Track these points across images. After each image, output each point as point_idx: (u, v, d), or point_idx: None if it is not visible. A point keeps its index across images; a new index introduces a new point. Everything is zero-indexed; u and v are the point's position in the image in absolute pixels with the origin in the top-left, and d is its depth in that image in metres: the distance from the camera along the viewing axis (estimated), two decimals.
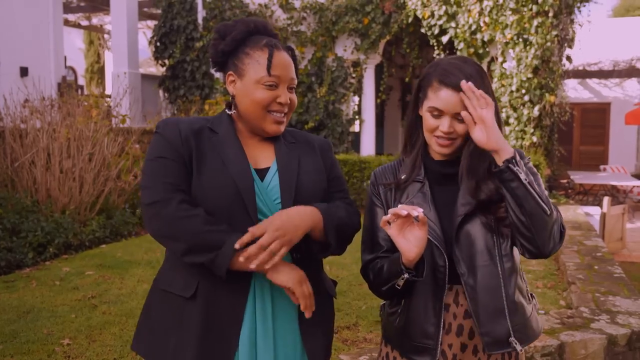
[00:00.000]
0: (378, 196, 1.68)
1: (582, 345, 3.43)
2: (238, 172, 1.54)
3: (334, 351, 3.42)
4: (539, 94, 8.99)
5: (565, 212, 8.36)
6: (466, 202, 1.55)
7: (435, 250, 1.56)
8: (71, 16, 15.66)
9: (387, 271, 1.56)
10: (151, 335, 1.60)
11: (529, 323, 1.61)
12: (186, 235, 1.47)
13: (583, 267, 5.11)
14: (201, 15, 11.34)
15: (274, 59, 1.56)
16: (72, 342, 3.51)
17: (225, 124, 1.63)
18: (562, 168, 11.87)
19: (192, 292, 1.53)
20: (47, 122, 6.82)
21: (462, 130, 1.53)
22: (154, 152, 1.57)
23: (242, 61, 1.59)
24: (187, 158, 1.55)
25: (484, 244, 1.55)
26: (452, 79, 1.51)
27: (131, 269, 5.14)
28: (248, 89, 1.57)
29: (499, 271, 1.56)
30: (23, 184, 6.61)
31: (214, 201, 1.52)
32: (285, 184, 1.60)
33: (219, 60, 1.64)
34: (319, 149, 1.74)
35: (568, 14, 9.54)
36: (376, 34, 10.24)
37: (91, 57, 20.30)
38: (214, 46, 1.63)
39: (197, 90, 11.38)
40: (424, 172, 1.63)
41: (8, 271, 5.09)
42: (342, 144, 10.57)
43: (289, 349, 1.59)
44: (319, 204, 1.59)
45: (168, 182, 1.52)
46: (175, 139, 1.56)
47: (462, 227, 1.56)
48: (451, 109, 1.52)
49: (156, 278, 1.67)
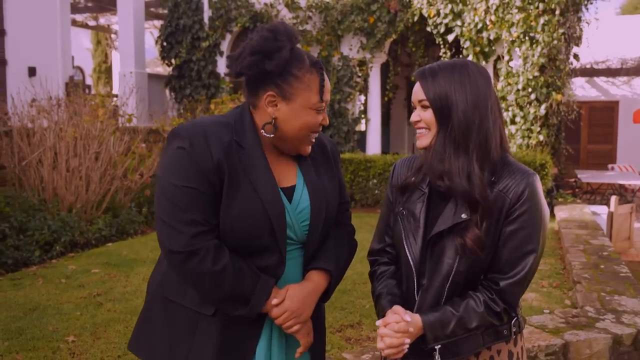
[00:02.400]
0: (392, 191, 1.70)
1: (587, 345, 3.41)
2: (268, 197, 1.49)
3: (338, 350, 3.43)
4: (546, 93, 8.95)
5: (572, 211, 8.32)
6: (442, 222, 1.53)
7: (409, 267, 1.58)
8: (79, 16, 15.74)
9: (376, 306, 1.65)
10: (155, 343, 1.58)
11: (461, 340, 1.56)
12: (217, 293, 1.47)
13: (589, 267, 5.08)
14: (207, 15, 11.37)
15: (325, 85, 1.54)
16: (77, 339, 3.53)
17: (250, 135, 1.53)
18: (570, 167, 11.80)
19: (213, 311, 1.51)
20: (54, 121, 6.86)
21: (427, 118, 1.53)
22: (181, 177, 1.43)
23: (290, 84, 1.49)
24: (217, 186, 1.46)
25: (446, 267, 1.52)
26: (420, 70, 1.57)
27: (136, 267, 5.17)
28: (298, 113, 1.51)
29: (444, 297, 1.54)
30: (30, 182, 6.65)
31: (244, 232, 1.47)
32: (317, 205, 1.59)
33: (259, 78, 1.51)
34: (332, 157, 1.72)
35: (575, 12, 9.49)
36: (382, 33, 10.23)
37: (99, 57, 20.38)
38: (256, 64, 1.47)
39: (203, 89, 11.41)
40: (428, 181, 1.60)
41: (15, 269, 5.12)
42: (348, 143, 10.57)
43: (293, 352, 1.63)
44: (330, 266, 1.61)
45: (199, 221, 1.43)
46: (207, 164, 1.44)
47: (434, 245, 1.55)
48: (416, 97, 1.56)
49: (157, 285, 1.62)
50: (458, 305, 1.50)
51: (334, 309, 4.07)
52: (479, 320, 1.49)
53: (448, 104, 1.49)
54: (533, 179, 1.50)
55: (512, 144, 9.27)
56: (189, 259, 1.42)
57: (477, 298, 1.50)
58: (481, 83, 1.52)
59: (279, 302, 1.51)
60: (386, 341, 1.45)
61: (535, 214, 1.49)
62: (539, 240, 1.50)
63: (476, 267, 1.51)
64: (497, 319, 1.51)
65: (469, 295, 1.51)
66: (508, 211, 1.48)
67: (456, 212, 1.50)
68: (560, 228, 7.04)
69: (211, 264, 1.43)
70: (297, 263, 1.60)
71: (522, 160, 8.27)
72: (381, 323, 1.49)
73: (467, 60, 1.58)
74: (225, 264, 1.44)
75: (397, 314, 1.48)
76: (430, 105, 1.52)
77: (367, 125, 11.07)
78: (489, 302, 1.50)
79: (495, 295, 1.50)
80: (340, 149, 10.45)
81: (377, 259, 1.71)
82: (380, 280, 1.66)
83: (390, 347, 1.45)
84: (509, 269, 1.50)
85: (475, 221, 1.48)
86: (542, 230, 1.51)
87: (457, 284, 1.52)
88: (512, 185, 1.49)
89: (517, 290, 1.51)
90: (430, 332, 1.48)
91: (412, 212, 1.59)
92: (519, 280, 1.50)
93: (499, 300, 1.50)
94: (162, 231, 1.46)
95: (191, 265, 1.43)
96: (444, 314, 1.48)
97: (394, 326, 1.46)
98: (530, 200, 1.48)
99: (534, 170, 7.04)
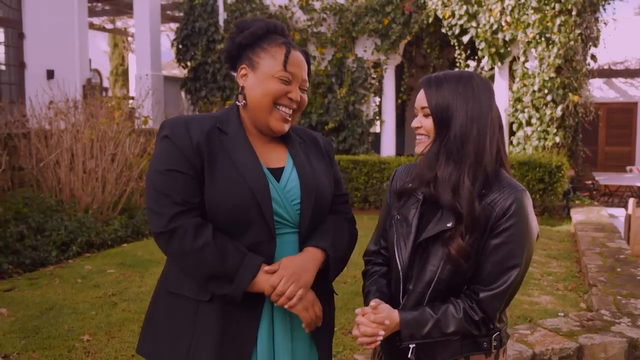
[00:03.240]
0: (390, 196, 1.74)
1: (602, 349, 3.38)
2: (250, 173, 1.52)
3: (350, 351, 3.43)
4: (562, 94, 8.87)
5: (589, 213, 8.23)
6: (430, 228, 1.55)
7: (397, 271, 1.61)
8: (96, 20, 15.94)
9: (367, 302, 1.64)
10: (160, 338, 1.58)
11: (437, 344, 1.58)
12: (200, 271, 1.49)
13: (605, 270, 5.03)
14: (222, 18, 11.44)
15: (290, 56, 1.58)
16: (91, 338, 3.57)
17: (234, 123, 1.61)
18: (587, 169, 11.67)
19: (210, 296, 1.52)
20: (71, 123, 6.94)
21: (427, 126, 1.57)
22: (162, 162, 1.52)
23: (257, 55, 1.59)
24: (199, 167, 1.51)
25: (429, 273, 1.55)
26: (425, 78, 1.60)
27: (151, 268, 5.21)
28: (261, 80, 1.58)
29: (424, 302, 1.56)
30: (48, 183, 6.74)
31: (229, 208, 1.50)
32: (306, 184, 1.60)
33: (233, 53, 1.64)
34: (324, 149, 1.75)
35: (592, 12, 9.39)
36: (396, 34, 10.22)
37: (115, 59, 20.60)
38: (230, 39, 1.63)
39: (218, 91, 11.47)
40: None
41: (33, 269, 5.19)
42: (362, 144, 10.56)
43: (304, 349, 1.62)
44: (325, 244, 1.60)
45: (178, 201, 1.49)
46: (187, 147, 1.51)
47: (422, 252, 1.57)
48: (418, 104, 1.59)
49: (161, 281, 1.65)
50: (438, 308, 1.52)
51: (346, 310, 4.07)
52: (456, 326, 1.50)
53: (448, 114, 1.52)
54: (521, 194, 1.51)
55: (528, 145, 9.21)
56: (171, 239, 1.48)
57: (457, 304, 1.52)
58: (484, 97, 1.54)
59: (273, 270, 1.51)
60: (361, 329, 1.50)
61: (520, 230, 1.49)
62: (522, 256, 1.50)
63: (459, 277, 1.53)
64: (475, 328, 1.52)
65: (450, 301, 1.53)
66: (494, 225, 1.49)
67: (442, 220, 1.52)
68: (577, 231, 6.97)
69: (192, 241, 1.47)
70: (292, 248, 1.60)
71: (537, 162, 8.21)
72: (360, 312, 1.54)
73: (473, 73, 1.60)
74: (206, 240, 1.47)
75: (377, 305, 1.53)
76: (431, 114, 1.55)
77: (382, 127, 11.06)
78: (468, 310, 1.51)
79: (475, 305, 1.52)
80: (354, 150, 10.44)
81: (372, 259, 1.76)
82: (371, 278, 1.70)
83: (364, 335, 1.50)
84: (490, 281, 1.51)
85: (460, 232, 1.49)
86: (528, 246, 1.51)
87: (438, 291, 1.54)
88: (500, 200, 1.49)
89: (496, 303, 1.52)
90: (406, 329, 1.51)
91: (405, 217, 1.62)
92: (499, 293, 1.51)
93: (477, 309, 1.51)
94: (149, 217, 1.54)
95: (174, 245, 1.48)
96: (422, 314, 1.52)
97: (370, 316, 1.51)
98: (517, 215, 1.48)
99: (549, 171, 6.96)
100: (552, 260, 5.89)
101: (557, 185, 8.29)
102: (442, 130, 1.53)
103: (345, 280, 4.84)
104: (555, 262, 5.82)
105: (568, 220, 8.37)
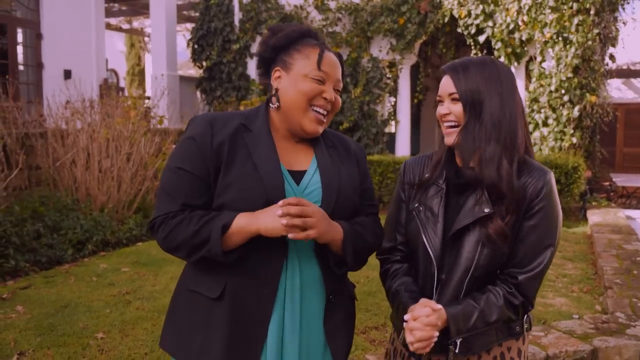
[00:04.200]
0: (403, 190, 1.71)
1: (617, 352, 3.34)
2: (267, 171, 1.52)
3: (362, 351, 3.42)
4: (579, 94, 8.77)
5: (606, 215, 8.14)
6: (465, 214, 1.54)
7: (429, 262, 1.58)
8: (113, 20, 16.09)
9: (393, 303, 1.64)
10: (178, 334, 1.62)
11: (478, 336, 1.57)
12: (181, 244, 1.51)
13: (621, 272, 4.97)
14: (237, 18, 11.49)
15: (324, 56, 1.59)
16: (105, 336, 3.61)
17: (261, 120, 1.61)
18: (605, 170, 11.53)
19: (219, 293, 1.53)
20: (87, 123, 7.01)
21: (457, 112, 1.55)
22: (176, 160, 1.56)
23: (291, 56, 1.59)
24: (212, 170, 1.53)
25: (465, 261, 1.53)
26: (449, 64, 1.59)
27: (165, 267, 5.25)
28: (295, 81, 1.57)
29: (462, 292, 1.55)
30: (64, 183, 6.82)
31: (241, 204, 1.50)
32: (328, 187, 1.58)
33: (267, 56, 1.64)
34: (355, 157, 1.73)
35: (611, 12, 9.27)
36: (412, 34, 10.18)
37: (132, 59, 20.77)
38: (264, 42, 1.63)
39: (233, 91, 11.52)
40: (444, 177, 1.61)
41: (49, 267, 5.26)
42: (377, 144, 10.54)
43: (313, 347, 1.61)
44: (343, 222, 1.57)
45: (177, 196, 1.53)
46: (207, 146, 1.53)
47: (454, 240, 1.56)
48: (445, 91, 1.57)
49: (182, 278, 1.68)
50: (479, 298, 1.51)
51: (358, 310, 4.03)
52: (498, 314, 1.51)
53: (480, 98, 1.52)
54: (550, 176, 1.54)
55: (544, 146, 9.12)
56: (161, 224, 1.53)
57: (496, 291, 1.52)
58: (509, 81, 1.57)
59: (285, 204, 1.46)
60: (416, 334, 1.44)
61: (552, 210, 1.53)
62: (555, 235, 1.54)
63: (496, 261, 1.53)
64: (514, 312, 1.53)
65: (488, 290, 1.53)
66: (527, 207, 1.52)
67: (478, 206, 1.51)
68: (593, 232, 6.89)
69: (178, 218, 1.51)
70: (308, 251, 1.58)
71: (553, 163, 8.14)
72: (410, 317, 1.47)
73: (494, 58, 1.61)
74: (189, 213, 1.51)
75: (428, 306, 1.47)
76: (461, 99, 1.54)
77: (397, 127, 11.02)
78: (508, 296, 1.52)
79: (514, 289, 1.52)
80: (369, 150, 10.41)
81: (389, 257, 1.71)
82: (395, 278, 1.66)
83: (420, 341, 1.44)
84: (527, 263, 1.52)
85: (500, 214, 1.50)
86: (559, 226, 1.56)
87: (476, 279, 1.53)
88: (531, 182, 1.52)
89: (534, 284, 1.54)
90: (453, 324, 1.48)
91: (429, 207, 1.60)
92: (537, 274, 1.53)
93: (517, 293, 1.52)
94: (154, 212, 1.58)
95: (164, 228, 1.52)
96: (467, 306, 1.50)
97: (423, 319, 1.45)
98: (549, 197, 1.52)
99: (566, 172, 6.87)
100: (568, 262, 5.83)
101: (574, 186, 8.20)
102: (474, 114, 1.53)
103: (358, 280, 4.83)
104: (571, 263, 5.76)
105: (584, 221, 8.28)
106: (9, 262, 4.97)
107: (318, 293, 1.60)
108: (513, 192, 1.49)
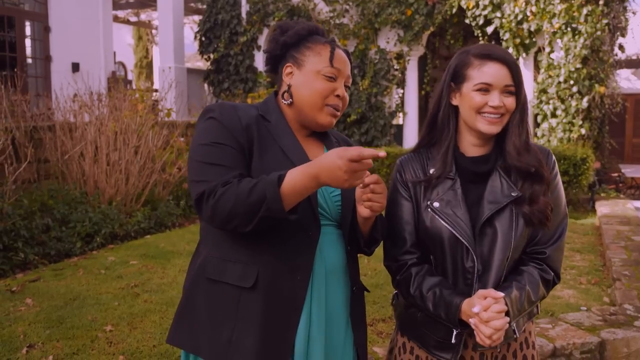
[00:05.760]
0: (406, 188, 1.64)
1: (625, 344, 3.33)
2: (298, 159, 1.53)
3: (369, 344, 3.42)
4: (588, 85, 8.71)
5: (614, 206, 8.09)
6: (494, 199, 1.53)
7: (465, 251, 1.54)
8: (120, 12, 16.11)
9: (434, 305, 1.53)
10: (198, 329, 1.55)
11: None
12: (235, 207, 1.40)
13: (630, 264, 4.95)
14: (245, 10, 11.46)
15: (335, 53, 1.61)
16: (114, 329, 3.63)
17: (276, 112, 1.63)
18: (613, 161, 11.45)
19: (253, 282, 1.49)
20: (95, 116, 7.04)
21: (511, 105, 1.54)
22: (208, 136, 1.50)
23: (302, 53, 1.61)
24: (247, 146, 1.51)
25: (502, 245, 1.53)
26: (498, 52, 1.54)
27: (173, 259, 5.27)
28: (308, 78, 1.59)
29: (503, 276, 1.55)
30: (72, 176, 6.85)
31: None
32: None
33: (277, 53, 1.65)
34: None
35: (620, 2, 9.20)
36: (419, 25, 10.12)
37: (140, 52, 20.80)
38: (274, 39, 1.65)
39: (240, 83, 11.52)
40: (455, 169, 1.59)
41: (58, 260, 5.29)
42: (385, 136, 10.51)
43: (336, 335, 1.62)
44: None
45: (222, 165, 1.46)
46: (235, 125, 1.52)
47: (486, 226, 1.54)
48: (501, 81, 1.53)
49: (198, 269, 1.59)
50: (521, 279, 1.53)
51: (366, 302, 4.06)
52: (539, 292, 1.55)
53: (523, 88, 1.59)
54: (550, 152, 1.64)
55: (553, 137, 9.07)
56: (211, 196, 1.42)
57: (531, 270, 1.55)
58: None
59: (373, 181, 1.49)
60: (495, 324, 1.39)
61: (559, 181, 1.63)
62: (565, 203, 1.63)
63: (531, 240, 1.57)
64: (547, 288, 1.58)
65: (523, 270, 1.55)
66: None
67: (505, 190, 1.55)
68: (602, 224, 6.86)
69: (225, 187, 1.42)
70: (333, 240, 1.59)
71: (562, 154, 8.09)
72: (481, 309, 1.42)
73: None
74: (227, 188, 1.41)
75: (489, 296, 1.43)
76: (517, 92, 1.55)
77: (404, 119, 10.99)
78: (542, 273, 1.56)
79: (544, 264, 1.56)
80: (376, 142, 10.40)
81: (403, 261, 1.62)
82: (422, 281, 1.57)
83: (498, 330, 1.40)
84: (550, 236, 1.57)
85: (541, 191, 1.55)
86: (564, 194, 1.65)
87: (514, 261, 1.56)
88: (543, 157, 1.59)
89: (559, 255, 1.60)
90: (512, 308, 1.46)
91: (448, 201, 1.56)
92: (560, 244, 1.59)
93: (547, 268, 1.56)
94: (192, 190, 1.48)
95: (215, 197, 1.42)
96: (517, 289, 1.50)
97: (495, 307, 1.41)
98: (555, 169, 1.62)
99: (574, 163, 6.90)
100: (576, 253, 5.81)
101: (582, 177, 8.16)
102: (519, 104, 1.57)
103: (365, 272, 4.84)
104: (579, 255, 5.74)
105: (593, 213, 8.24)
106: (18, 255, 5.02)
107: (341, 283, 1.62)
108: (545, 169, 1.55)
